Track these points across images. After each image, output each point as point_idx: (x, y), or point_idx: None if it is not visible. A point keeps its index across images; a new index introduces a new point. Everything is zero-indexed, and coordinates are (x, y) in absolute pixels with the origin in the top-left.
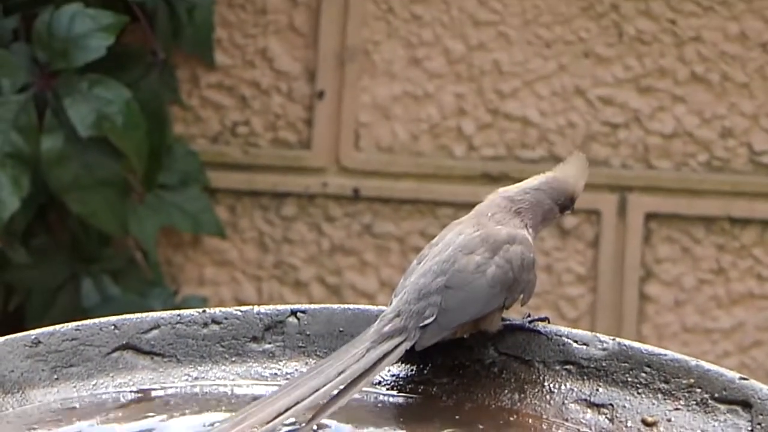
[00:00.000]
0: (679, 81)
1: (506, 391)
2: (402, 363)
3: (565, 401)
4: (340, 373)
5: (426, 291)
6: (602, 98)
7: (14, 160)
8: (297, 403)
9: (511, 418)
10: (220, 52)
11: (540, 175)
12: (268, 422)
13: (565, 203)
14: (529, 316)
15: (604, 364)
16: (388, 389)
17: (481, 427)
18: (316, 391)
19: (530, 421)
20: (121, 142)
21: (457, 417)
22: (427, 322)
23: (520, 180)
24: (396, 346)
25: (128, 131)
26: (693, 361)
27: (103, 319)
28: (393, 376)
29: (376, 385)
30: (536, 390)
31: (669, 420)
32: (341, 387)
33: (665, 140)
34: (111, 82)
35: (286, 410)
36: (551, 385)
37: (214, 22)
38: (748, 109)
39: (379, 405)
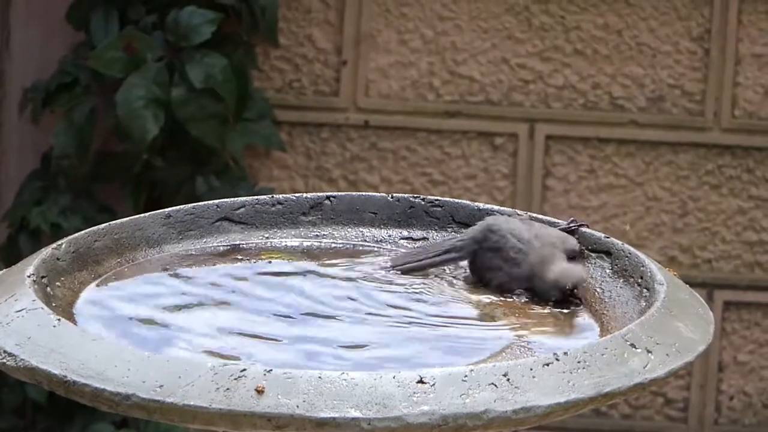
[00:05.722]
0: (567, 54)
1: None
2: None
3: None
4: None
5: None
6: (519, 64)
7: (154, 104)
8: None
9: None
10: (282, 36)
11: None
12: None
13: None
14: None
15: None
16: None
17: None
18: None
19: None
20: (220, 91)
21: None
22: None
23: (468, 115)
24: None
25: (225, 84)
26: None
27: (209, 202)
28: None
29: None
30: None
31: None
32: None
33: (558, 90)
34: (214, 54)
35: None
36: None
37: (278, 17)
38: (609, 71)
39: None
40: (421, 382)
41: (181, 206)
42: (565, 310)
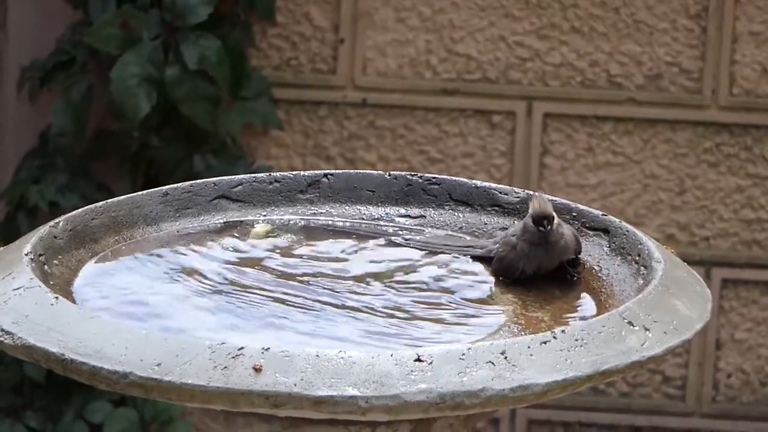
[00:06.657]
0: (564, 31)
1: (460, 221)
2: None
3: (493, 228)
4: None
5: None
6: (516, 42)
7: (148, 82)
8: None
9: (468, 237)
10: (279, 14)
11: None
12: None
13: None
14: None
15: (517, 206)
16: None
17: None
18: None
19: (474, 236)
20: (214, 74)
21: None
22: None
23: (466, 93)
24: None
25: (218, 66)
26: (573, 204)
27: (207, 180)
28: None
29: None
30: (477, 221)
31: None
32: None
33: (555, 68)
34: (209, 35)
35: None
36: (485, 219)
37: None
38: (606, 49)
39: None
40: (418, 360)
41: (179, 184)
42: (566, 283)
